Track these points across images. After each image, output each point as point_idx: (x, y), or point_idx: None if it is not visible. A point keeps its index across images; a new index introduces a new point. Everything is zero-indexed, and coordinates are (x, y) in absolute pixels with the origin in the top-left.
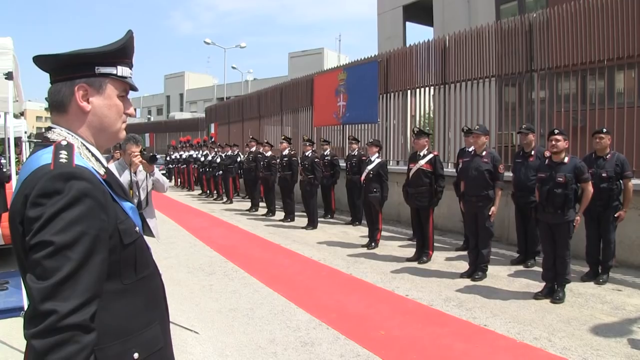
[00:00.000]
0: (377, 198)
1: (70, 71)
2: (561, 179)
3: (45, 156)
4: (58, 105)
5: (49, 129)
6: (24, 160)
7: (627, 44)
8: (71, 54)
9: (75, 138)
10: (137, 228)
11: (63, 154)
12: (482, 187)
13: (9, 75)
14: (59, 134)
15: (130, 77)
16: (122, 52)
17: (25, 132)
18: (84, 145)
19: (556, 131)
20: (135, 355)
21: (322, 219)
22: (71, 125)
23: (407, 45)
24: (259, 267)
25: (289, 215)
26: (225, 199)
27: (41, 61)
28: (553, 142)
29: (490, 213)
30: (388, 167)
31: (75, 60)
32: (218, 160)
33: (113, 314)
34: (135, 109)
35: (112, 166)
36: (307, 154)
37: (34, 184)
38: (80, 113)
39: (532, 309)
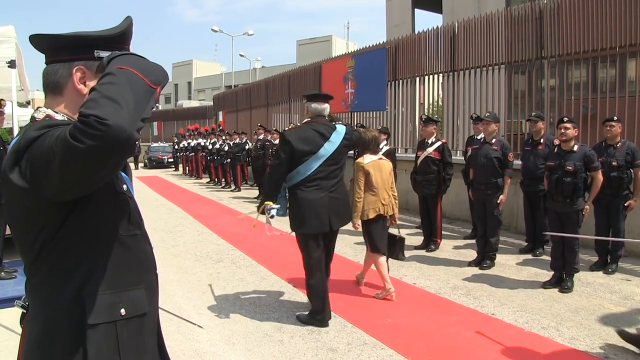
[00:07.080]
0: None
1: (69, 53)
2: (570, 168)
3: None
4: (53, 87)
5: (37, 110)
6: None
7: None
8: (72, 36)
9: (66, 119)
10: (125, 186)
11: (48, 118)
12: (491, 175)
13: (11, 64)
14: (44, 111)
15: None
16: (122, 37)
17: None
18: None
19: (565, 119)
20: (122, 311)
21: None
22: (65, 107)
23: (416, 32)
24: (266, 255)
25: None
26: (233, 187)
27: (38, 40)
28: (562, 130)
29: (498, 201)
30: (396, 154)
31: (75, 42)
32: (226, 148)
33: (109, 263)
34: None
35: None
36: None
37: (19, 139)
38: (76, 95)
39: (540, 298)
